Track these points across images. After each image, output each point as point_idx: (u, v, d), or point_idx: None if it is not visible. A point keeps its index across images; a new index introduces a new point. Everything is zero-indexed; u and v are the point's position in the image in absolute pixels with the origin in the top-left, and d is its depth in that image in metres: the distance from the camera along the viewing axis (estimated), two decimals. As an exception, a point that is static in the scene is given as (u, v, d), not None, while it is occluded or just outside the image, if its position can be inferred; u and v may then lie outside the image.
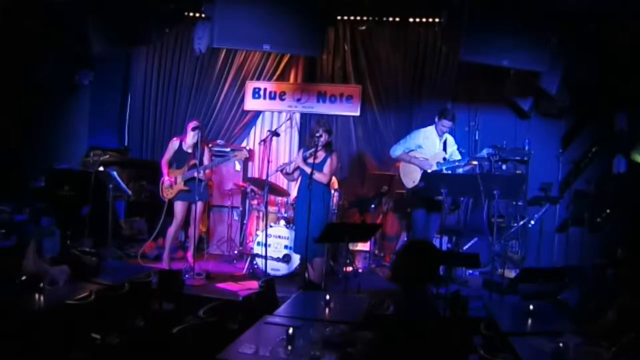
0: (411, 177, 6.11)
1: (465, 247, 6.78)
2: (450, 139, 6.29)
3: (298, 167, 5.77)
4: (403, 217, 7.20)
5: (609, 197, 6.66)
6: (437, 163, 6.07)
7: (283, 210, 6.62)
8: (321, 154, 5.58)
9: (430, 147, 6.16)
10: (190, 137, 6.09)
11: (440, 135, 6.18)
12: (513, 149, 7.23)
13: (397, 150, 6.23)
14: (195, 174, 5.94)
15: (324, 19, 6.46)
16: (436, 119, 6.15)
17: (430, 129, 6.21)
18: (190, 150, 6.12)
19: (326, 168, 5.61)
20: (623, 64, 6.39)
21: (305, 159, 5.68)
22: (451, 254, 6.10)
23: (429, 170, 5.98)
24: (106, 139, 7.98)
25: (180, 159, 6.18)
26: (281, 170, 5.97)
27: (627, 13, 5.83)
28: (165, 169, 6.20)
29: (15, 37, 6.26)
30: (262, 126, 8.02)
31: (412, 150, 6.18)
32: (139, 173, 7.42)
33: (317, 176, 5.52)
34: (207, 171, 6.20)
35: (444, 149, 6.21)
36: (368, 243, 6.76)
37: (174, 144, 6.23)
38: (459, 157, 6.18)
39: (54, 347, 3.24)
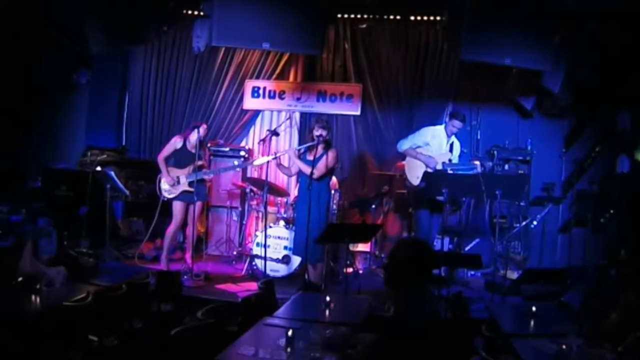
0: (416, 172, 6.07)
1: (467, 248, 6.75)
2: (457, 144, 6.24)
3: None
4: (404, 218, 7.16)
5: (612, 197, 6.61)
6: (443, 163, 6.03)
7: (282, 210, 6.58)
8: (319, 151, 5.53)
9: (437, 146, 6.12)
10: (194, 137, 6.02)
11: (449, 136, 6.15)
12: (515, 148, 7.22)
13: (404, 144, 6.19)
14: (205, 177, 5.87)
15: (324, 17, 6.43)
16: (446, 119, 6.13)
17: (440, 129, 6.18)
18: (194, 151, 6.01)
19: (321, 164, 5.55)
20: (624, 63, 6.35)
21: (300, 154, 5.63)
22: (453, 255, 6.07)
23: (430, 170, 5.94)
24: (104, 138, 7.95)
25: (182, 158, 6.08)
26: (274, 159, 5.89)
27: (627, 13, 5.79)
28: (163, 167, 6.07)
29: (14, 36, 6.22)
30: (261, 125, 7.98)
31: (419, 147, 6.15)
32: (137, 173, 7.40)
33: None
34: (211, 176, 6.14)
35: (450, 150, 6.17)
36: (369, 244, 6.72)
37: (177, 142, 6.13)
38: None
39: (52, 349, 3.20)
